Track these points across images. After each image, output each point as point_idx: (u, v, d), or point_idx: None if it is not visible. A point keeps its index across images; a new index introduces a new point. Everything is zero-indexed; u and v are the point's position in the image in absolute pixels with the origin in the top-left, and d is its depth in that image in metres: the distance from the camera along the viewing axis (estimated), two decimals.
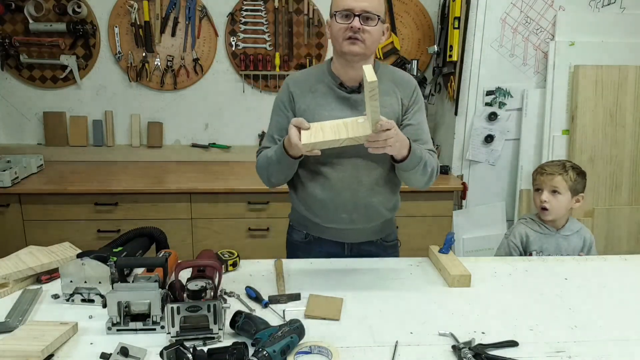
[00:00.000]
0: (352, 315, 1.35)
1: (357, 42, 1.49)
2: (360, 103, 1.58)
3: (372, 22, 1.49)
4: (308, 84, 1.62)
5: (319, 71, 1.65)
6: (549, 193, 1.94)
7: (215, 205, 2.77)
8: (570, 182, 1.94)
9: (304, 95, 1.61)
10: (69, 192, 2.68)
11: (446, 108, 3.18)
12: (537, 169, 2.03)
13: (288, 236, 1.83)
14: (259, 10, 3.17)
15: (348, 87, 1.60)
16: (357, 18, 1.47)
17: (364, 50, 1.51)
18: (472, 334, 1.25)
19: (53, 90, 3.21)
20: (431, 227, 2.89)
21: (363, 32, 1.49)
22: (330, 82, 1.61)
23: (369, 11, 1.48)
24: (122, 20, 3.12)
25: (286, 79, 1.69)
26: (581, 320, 1.34)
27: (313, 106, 1.59)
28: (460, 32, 2.90)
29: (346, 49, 1.51)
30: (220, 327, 1.20)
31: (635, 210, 2.96)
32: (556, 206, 1.94)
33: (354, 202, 1.61)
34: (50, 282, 1.48)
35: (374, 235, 1.73)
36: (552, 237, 1.97)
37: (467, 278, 1.53)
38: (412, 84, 1.67)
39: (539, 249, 1.96)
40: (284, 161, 1.52)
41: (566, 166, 1.97)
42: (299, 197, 1.70)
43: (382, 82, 1.56)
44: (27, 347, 1.10)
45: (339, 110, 1.58)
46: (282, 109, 1.65)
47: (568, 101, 2.90)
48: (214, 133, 3.35)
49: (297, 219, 1.77)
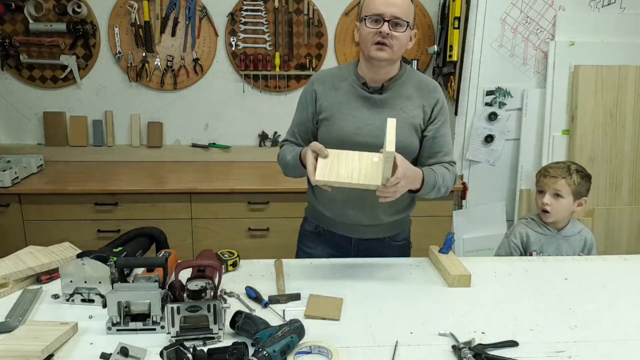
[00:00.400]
0: (352, 315, 1.35)
1: (385, 47, 1.50)
2: (380, 103, 1.61)
3: (401, 28, 1.50)
4: (332, 82, 1.66)
5: (346, 70, 1.68)
6: (551, 196, 1.93)
7: (215, 205, 2.77)
8: (573, 186, 1.92)
9: (326, 92, 1.65)
10: (69, 192, 2.68)
11: None
12: (541, 170, 2.02)
13: (301, 228, 1.89)
14: (259, 10, 3.17)
15: (371, 87, 1.62)
16: (387, 23, 1.48)
17: (391, 55, 1.53)
18: (472, 334, 1.25)
19: (53, 90, 3.21)
20: (431, 227, 2.88)
21: (391, 38, 1.49)
22: (354, 81, 1.63)
23: (399, 17, 1.48)
24: (122, 20, 3.12)
25: (312, 77, 1.73)
26: (581, 320, 1.34)
27: (335, 103, 1.63)
28: (460, 32, 2.90)
29: (373, 54, 1.52)
30: (220, 327, 1.20)
31: (635, 210, 2.96)
32: (558, 209, 1.93)
33: (360, 201, 1.65)
34: (50, 282, 1.48)
35: (382, 233, 1.76)
36: (552, 237, 1.97)
37: (467, 278, 1.53)
38: (437, 93, 1.65)
39: (539, 249, 1.95)
40: (299, 169, 1.59)
41: (571, 169, 1.95)
42: (313, 190, 1.76)
43: (406, 87, 1.63)
44: (27, 347, 1.10)
45: (359, 109, 1.61)
46: (304, 105, 1.70)
47: (568, 101, 2.91)
48: (214, 133, 3.35)
49: (311, 211, 1.84)
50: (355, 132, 1.58)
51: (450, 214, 2.94)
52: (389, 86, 1.61)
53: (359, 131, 1.59)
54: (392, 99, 1.61)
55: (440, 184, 1.56)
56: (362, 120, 1.60)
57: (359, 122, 1.59)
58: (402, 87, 1.62)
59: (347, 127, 1.59)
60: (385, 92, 1.61)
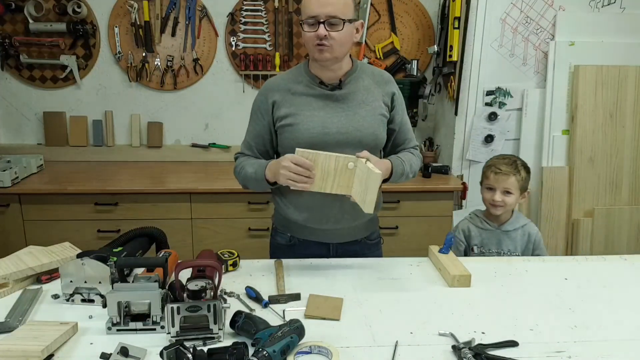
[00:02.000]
0: (352, 315, 1.35)
1: (325, 48, 1.50)
2: (342, 99, 1.60)
3: (338, 27, 1.49)
4: (287, 87, 1.62)
5: (296, 73, 1.65)
6: (502, 193, 1.94)
7: (215, 205, 2.77)
8: (521, 182, 1.95)
9: (283, 98, 1.61)
10: (69, 192, 2.68)
11: (446, 108, 3.18)
12: (491, 166, 1.99)
13: (271, 239, 1.83)
14: (259, 10, 3.17)
15: (329, 84, 1.61)
16: (322, 25, 1.47)
17: (333, 54, 1.52)
18: (472, 334, 1.25)
19: (53, 90, 3.21)
20: (431, 227, 2.89)
21: (330, 39, 1.49)
22: (309, 82, 1.62)
23: (334, 15, 1.47)
24: (122, 20, 3.12)
25: (264, 86, 1.68)
26: (581, 320, 1.34)
27: (295, 107, 1.60)
28: (460, 32, 2.90)
29: (316, 56, 1.53)
30: (220, 327, 1.20)
31: (635, 210, 2.96)
32: (508, 204, 1.95)
33: (340, 201, 1.60)
34: (50, 282, 1.48)
35: (359, 234, 1.75)
36: (492, 232, 1.99)
37: (467, 278, 1.53)
38: (392, 84, 1.69)
39: (479, 243, 1.99)
40: (263, 184, 1.59)
41: (517, 165, 1.97)
42: (284, 199, 1.71)
43: (362, 79, 1.64)
44: (27, 347, 1.10)
45: (322, 108, 1.59)
46: (259, 116, 1.66)
47: (568, 101, 2.91)
48: (214, 133, 3.35)
49: (281, 221, 1.77)
50: (323, 132, 1.57)
51: (450, 214, 2.94)
52: (345, 80, 1.61)
53: (326, 130, 1.57)
54: (352, 93, 1.61)
55: (407, 170, 1.63)
56: (327, 119, 1.58)
57: (324, 121, 1.58)
58: (359, 80, 1.63)
59: (313, 128, 1.57)
60: (345, 87, 1.61)
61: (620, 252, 2.87)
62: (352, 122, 1.59)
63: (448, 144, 3.13)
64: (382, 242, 1.86)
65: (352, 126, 1.59)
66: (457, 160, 3.06)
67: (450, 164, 3.07)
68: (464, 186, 2.98)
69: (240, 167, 1.66)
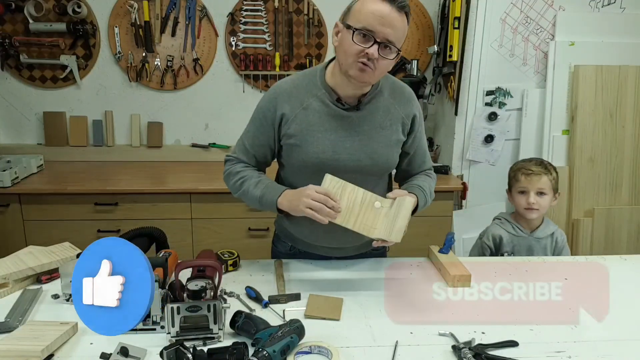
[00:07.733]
0: (352, 315, 1.35)
1: (368, 70, 1.33)
2: (358, 122, 1.46)
3: (390, 55, 1.33)
4: (299, 98, 1.46)
5: (310, 82, 1.48)
6: (536, 194, 1.91)
7: (215, 205, 2.77)
8: (553, 182, 1.93)
9: (294, 113, 1.45)
10: (69, 192, 2.68)
11: (446, 108, 3.18)
12: (520, 169, 1.96)
13: (273, 245, 1.77)
14: (259, 10, 3.17)
15: (346, 103, 1.46)
16: (377, 45, 1.30)
17: (372, 79, 1.39)
18: (472, 334, 1.25)
19: (53, 90, 3.21)
20: (431, 227, 2.88)
21: (377, 61, 1.32)
22: (325, 97, 1.45)
23: (392, 41, 1.32)
24: (122, 20, 3.12)
25: (273, 90, 1.50)
26: (581, 320, 1.34)
27: (306, 126, 1.45)
28: (460, 32, 2.90)
29: (353, 73, 1.35)
30: (220, 327, 1.20)
31: (635, 210, 2.96)
32: (542, 206, 1.92)
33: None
34: (50, 282, 1.48)
35: (363, 249, 1.69)
36: (524, 239, 1.96)
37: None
38: (412, 102, 1.54)
39: (510, 250, 1.95)
40: (267, 208, 1.48)
41: (547, 165, 1.95)
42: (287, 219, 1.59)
43: (381, 96, 1.49)
44: (27, 347, 1.10)
45: (334, 130, 1.45)
46: (263, 124, 1.50)
47: (568, 101, 2.90)
48: (214, 133, 3.35)
49: (283, 230, 1.69)
50: (334, 158, 1.44)
51: (450, 214, 2.94)
52: (365, 100, 1.46)
53: (337, 156, 1.44)
54: (370, 115, 1.46)
55: (428, 199, 1.55)
56: (339, 142, 1.44)
57: (335, 145, 1.44)
58: (379, 99, 1.48)
59: (322, 153, 1.44)
60: (363, 108, 1.46)
61: (620, 252, 2.87)
62: (365, 149, 1.46)
63: (448, 144, 3.13)
64: (387, 249, 1.79)
65: (364, 153, 1.47)
66: (457, 160, 3.06)
67: (450, 164, 3.07)
68: (464, 186, 2.98)
69: (239, 179, 1.53)
